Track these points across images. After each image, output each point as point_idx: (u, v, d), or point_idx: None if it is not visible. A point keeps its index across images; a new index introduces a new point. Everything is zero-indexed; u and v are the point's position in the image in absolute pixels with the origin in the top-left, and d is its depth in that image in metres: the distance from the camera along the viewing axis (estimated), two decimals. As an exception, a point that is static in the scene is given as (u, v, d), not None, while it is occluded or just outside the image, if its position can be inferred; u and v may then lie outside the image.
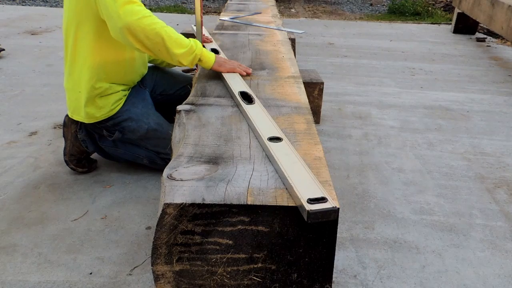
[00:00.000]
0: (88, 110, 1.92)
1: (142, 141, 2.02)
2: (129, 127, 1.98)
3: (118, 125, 1.98)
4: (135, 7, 1.60)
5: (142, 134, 1.99)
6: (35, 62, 3.85)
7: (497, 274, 1.56)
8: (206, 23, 4.83)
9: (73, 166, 2.08)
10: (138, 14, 1.59)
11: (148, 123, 1.99)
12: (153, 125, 1.99)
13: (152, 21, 1.62)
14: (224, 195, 1.00)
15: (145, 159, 2.07)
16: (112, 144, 2.05)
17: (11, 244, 1.62)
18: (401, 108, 3.08)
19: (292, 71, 1.98)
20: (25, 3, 6.99)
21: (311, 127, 1.39)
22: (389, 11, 7.42)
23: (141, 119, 1.98)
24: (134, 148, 2.05)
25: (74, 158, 2.08)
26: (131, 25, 1.58)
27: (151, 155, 2.05)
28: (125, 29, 1.59)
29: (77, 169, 2.09)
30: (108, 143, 2.05)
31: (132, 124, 1.98)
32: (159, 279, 1.03)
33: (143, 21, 1.60)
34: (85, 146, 2.06)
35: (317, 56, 4.37)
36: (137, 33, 1.60)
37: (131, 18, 1.58)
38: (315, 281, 1.04)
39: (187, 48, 1.69)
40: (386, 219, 1.84)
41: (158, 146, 2.02)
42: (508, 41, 5.13)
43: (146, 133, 1.99)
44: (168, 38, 1.64)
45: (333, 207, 0.95)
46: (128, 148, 2.06)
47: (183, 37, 1.71)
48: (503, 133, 2.74)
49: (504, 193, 2.07)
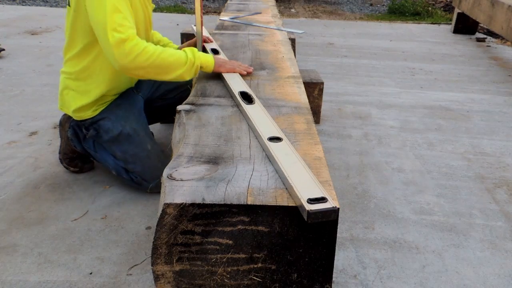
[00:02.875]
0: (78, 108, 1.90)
1: (113, 144, 1.91)
2: (104, 126, 1.90)
3: (96, 123, 1.92)
4: (127, 47, 1.56)
5: (113, 136, 1.89)
6: (35, 62, 3.85)
7: (497, 274, 1.56)
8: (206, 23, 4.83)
9: (66, 164, 2.09)
10: (131, 54, 1.57)
11: (124, 125, 1.90)
12: (128, 130, 1.89)
13: (147, 56, 1.59)
14: (224, 195, 1.00)
15: (113, 170, 1.97)
16: (92, 147, 1.98)
17: (11, 244, 1.62)
18: (401, 108, 3.08)
19: (292, 71, 1.98)
20: (25, 3, 6.99)
21: (311, 127, 1.39)
22: (389, 11, 7.42)
23: (118, 120, 1.90)
24: (105, 155, 1.97)
25: (67, 157, 2.08)
26: (127, 66, 1.59)
27: (118, 167, 1.94)
28: (123, 69, 1.61)
29: (69, 168, 2.09)
30: (89, 145, 1.99)
31: (107, 123, 1.90)
32: (159, 279, 1.03)
33: (138, 60, 1.58)
34: (74, 145, 2.03)
35: (317, 56, 4.37)
36: (135, 71, 1.62)
37: (126, 60, 1.57)
38: (315, 281, 1.04)
39: (187, 65, 1.69)
40: (386, 219, 1.84)
41: (126, 154, 1.90)
42: (508, 41, 5.13)
43: (118, 136, 1.89)
44: (167, 65, 1.65)
45: (333, 207, 0.95)
46: (102, 154, 1.98)
47: (180, 54, 1.69)
48: (503, 133, 2.74)
49: (504, 193, 2.07)
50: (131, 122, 1.93)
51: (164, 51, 1.65)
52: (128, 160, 1.91)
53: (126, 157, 1.91)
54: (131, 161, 1.91)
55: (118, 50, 1.56)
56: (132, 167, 1.91)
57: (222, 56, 2.11)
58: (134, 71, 1.62)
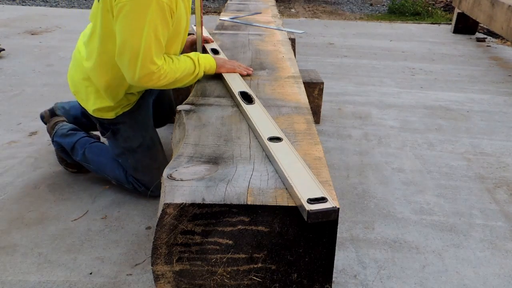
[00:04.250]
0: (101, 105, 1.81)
1: (127, 152, 1.85)
2: (124, 133, 1.84)
3: (115, 126, 1.84)
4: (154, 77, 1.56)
5: (133, 146, 1.84)
6: (35, 62, 3.85)
7: (497, 274, 1.56)
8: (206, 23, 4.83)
9: (64, 165, 2.09)
10: (152, 81, 1.57)
11: (144, 136, 1.86)
12: (148, 141, 1.86)
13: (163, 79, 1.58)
14: (224, 195, 1.00)
15: (113, 180, 1.94)
16: (84, 159, 1.96)
17: (11, 244, 1.62)
18: (401, 108, 3.08)
19: (292, 71, 1.98)
20: (25, 3, 6.99)
21: (311, 127, 1.39)
22: (389, 11, 7.42)
23: (139, 129, 1.85)
24: (103, 166, 1.94)
25: (63, 160, 2.09)
26: (141, 86, 1.66)
27: (119, 177, 1.90)
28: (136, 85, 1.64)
29: (68, 169, 2.08)
30: (79, 158, 1.96)
31: (128, 131, 1.84)
32: (159, 279, 1.03)
33: (152, 84, 1.59)
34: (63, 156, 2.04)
35: (317, 56, 4.36)
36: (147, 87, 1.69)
37: (145, 85, 1.60)
38: (315, 281, 1.04)
39: (195, 74, 1.70)
40: (386, 219, 1.84)
41: (139, 163, 1.85)
42: (508, 41, 5.13)
43: (138, 147, 1.84)
44: (180, 79, 1.66)
45: (333, 207, 0.95)
46: (98, 166, 1.95)
47: (189, 66, 1.68)
48: (503, 133, 2.74)
49: (504, 193, 2.07)
50: (150, 130, 1.90)
51: (177, 68, 1.63)
52: (138, 169, 1.86)
53: (137, 166, 1.85)
54: (142, 171, 1.85)
55: (144, 79, 1.55)
56: (141, 176, 1.86)
57: (222, 56, 2.11)
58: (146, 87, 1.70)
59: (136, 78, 1.54)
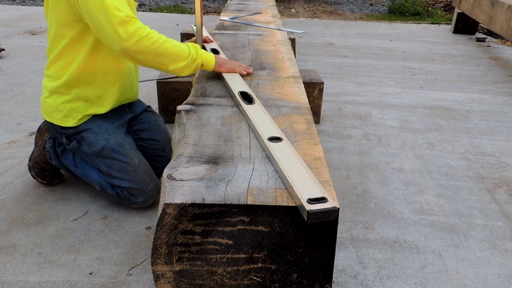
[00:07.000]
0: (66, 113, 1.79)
1: (96, 158, 1.81)
2: (88, 139, 1.79)
3: (78, 134, 1.80)
4: (130, 28, 1.50)
5: (97, 150, 1.78)
6: (35, 62, 3.85)
7: (497, 274, 1.56)
8: (206, 23, 4.83)
9: (34, 174, 1.96)
10: (135, 36, 1.51)
11: (108, 139, 1.79)
12: (112, 144, 1.78)
13: (151, 42, 1.55)
14: (224, 195, 1.00)
15: (97, 185, 1.87)
16: (72, 162, 1.90)
17: (11, 244, 1.62)
18: (401, 108, 3.08)
19: (292, 71, 1.98)
20: (25, 3, 6.99)
21: (311, 127, 1.39)
22: (389, 11, 7.43)
23: (102, 133, 1.79)
24: (88, 169, 1.88)
25: (38, 167, 1.96)
26: (129, 49, 1.52)
27: (103, 182, 1.84)
28: (123, 53, 1.54)
29: (37, 178, 1.96)
30: (69, 160, 1.91)
31: (91, 136, 1.79)
32: (159, 279, 1.03)
33: (142, 43, 1.53)
34: (49, 158, 1.94)
35: (317, 56, 4.37)
36: (137, 55, 1.56)
37: (129, 42, 1.51)
38: (315, 281, 1.04)
39: (188, 59, 1.65)
40: (386, 219, 1.84)
41: (111, 168, 1.79)
42: (508, 41, 5.13)
43: (101, 150, 1.78)
44: (169, 55, 1.60)
45: (333, 207, 0.95)
46: (84, 169, 1.89)
47: (183, 47, 1.65)
48: (503, 133, 2.74)
49: (504, 193, 2.07)
50: (116, 135, 1.82)
51: (168, 40, 1.61)
52: (113, 175, 1.80)
53: (111, 172, 1.80)
54: (117, 176, 1.79)
55: (122, 29, 1.50)
56: (118, 182, 1.79)
57: (222, 56, 2.11)
58: (135, 55, 1.55)
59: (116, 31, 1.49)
